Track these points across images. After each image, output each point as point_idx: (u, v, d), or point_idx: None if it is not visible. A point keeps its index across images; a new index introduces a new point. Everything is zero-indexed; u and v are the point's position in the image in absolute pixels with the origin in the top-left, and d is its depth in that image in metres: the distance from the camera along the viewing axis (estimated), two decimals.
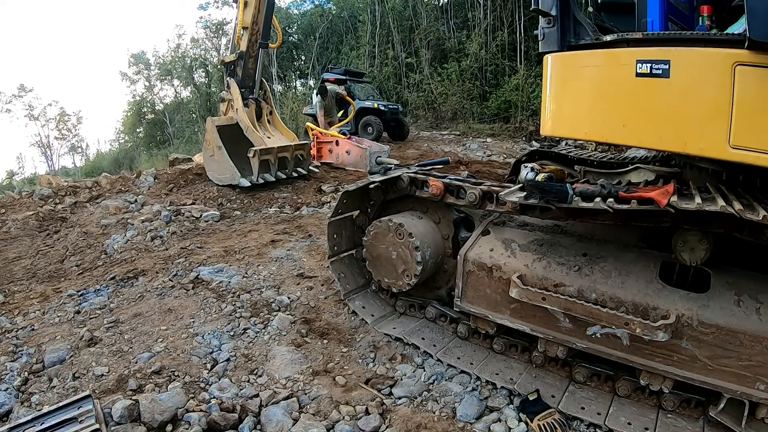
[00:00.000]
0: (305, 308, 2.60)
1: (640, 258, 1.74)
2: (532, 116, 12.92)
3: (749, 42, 1.30)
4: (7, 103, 27.58)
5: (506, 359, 2.02)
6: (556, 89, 1.97)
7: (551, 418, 1.67)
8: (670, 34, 1.66)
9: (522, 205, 1.76)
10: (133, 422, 1.66)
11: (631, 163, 2.40)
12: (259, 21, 5.71)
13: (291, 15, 22.52)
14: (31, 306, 2.85)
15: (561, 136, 2.56)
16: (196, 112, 24.05)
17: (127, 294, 2.92)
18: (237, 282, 2.97)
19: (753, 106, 1.37)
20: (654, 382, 1.65)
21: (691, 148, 1.52)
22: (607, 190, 1.59)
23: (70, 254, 3.85)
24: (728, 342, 1.50)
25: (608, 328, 1.64)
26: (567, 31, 1.85)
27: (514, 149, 10.06)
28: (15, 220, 4.47)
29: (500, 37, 15.15)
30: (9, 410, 1.82)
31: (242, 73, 5.92)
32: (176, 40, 34.44)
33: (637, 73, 1.56)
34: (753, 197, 1.58)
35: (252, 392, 1.90)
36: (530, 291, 1.76)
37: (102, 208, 4.95)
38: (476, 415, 1.74)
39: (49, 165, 28.31)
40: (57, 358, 2.15)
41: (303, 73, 21.86)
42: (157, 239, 4.04)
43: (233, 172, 5.44)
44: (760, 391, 1.47)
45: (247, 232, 4.19)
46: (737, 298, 1.54)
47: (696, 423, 1.63)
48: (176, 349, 2.19)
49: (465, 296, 1.99)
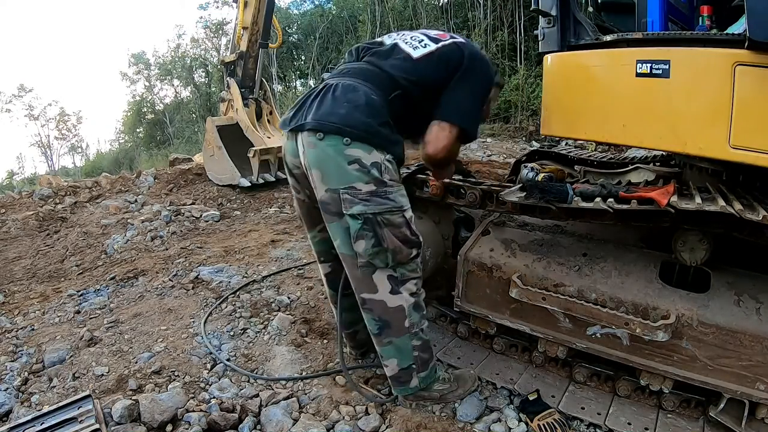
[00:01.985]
0: (305, 308, 2.60)
1: (640, 258, 1.74)
2: (532, 116, 12.91)
3: (749, 42, 1.30)
4: (7, 103, 27.60)
5: (506, 359, 2.02)
6: (556, 89, 1.97)
7: (551, 418, 1.67)
8: (670, 34, 1.66)
9: (522, 205, 1.76)
10: (133, 422, 1.66)
11: (631, 163, 2.40)
12: (259, 21, 5.71)
13: (291, 15, 22.51)
14: (31, 306, 2.85)
15: (561, 136, 2.56)
16: (196, 112, 24.05)
17: (127, 294, 2.92)
18: (237, 282, 2.97)
19: (753, 106, 1.37)
20: (654, 382, 1.65)
21: (691, 148, 1.52)
22: (607, 190, 1.59)
23: (70, 254, 3.85)
24: (728, 342, 1.50)
25: (608, 328, 1.65)
26: (567, 31, 1.85)
27: (514, 149, 10.06)
28: (15, 220, 4.47)
29: (500, 37, 15.14)
30: (9, 410, 1.82)
31: (242, 73, 5.92)
32: (176, 40, 34.42)
33: (637, 73, 1.57)
34: (753, 197, 1.58)
35: (252, 392, 1.90)
36: (530, 291, 1.76)
37: (102, 208, 4.95)
38: (476, 415, 1.74)
39: (49, 165, 28.33)
40: (57, 358, 2.15)
41: (303, 73, 21.86)
42: (157, 239, 4.04)
43: (233, 172, 5.44)
44: (760, 391, 1.47)
45: (247, 232, 4.19)
46: (737, 298, 1.54)
47: (696, 423, 1.63)
48: (176, 349, 2.19)
49: (465, 296, 2.00)
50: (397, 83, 1.62)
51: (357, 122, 1.49)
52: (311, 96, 1.61)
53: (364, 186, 1.50)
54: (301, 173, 1.65)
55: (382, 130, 1.54)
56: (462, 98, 1.62)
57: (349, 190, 1.49)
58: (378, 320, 1.62)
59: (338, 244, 1.59)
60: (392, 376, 1.70)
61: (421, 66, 1.64)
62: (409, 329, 1.62)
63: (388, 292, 1.58)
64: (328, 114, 1.51)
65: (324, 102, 1.55)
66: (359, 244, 1.52)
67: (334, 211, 1.53)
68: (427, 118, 1.64)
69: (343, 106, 1.52)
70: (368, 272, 1.57)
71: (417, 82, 1.63)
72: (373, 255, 1.53)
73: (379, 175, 1.51)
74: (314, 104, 1.56)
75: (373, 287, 1.59)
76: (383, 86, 1.60)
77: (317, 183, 1.54)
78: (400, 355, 1.66)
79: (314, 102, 1.57)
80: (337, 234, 1.57)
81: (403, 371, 1.67)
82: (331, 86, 1.59)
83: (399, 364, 1.66)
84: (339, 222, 1.54)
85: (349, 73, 1.67)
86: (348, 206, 1.50)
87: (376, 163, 1.51)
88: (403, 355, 1.66)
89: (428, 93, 1.64)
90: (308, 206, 1.77)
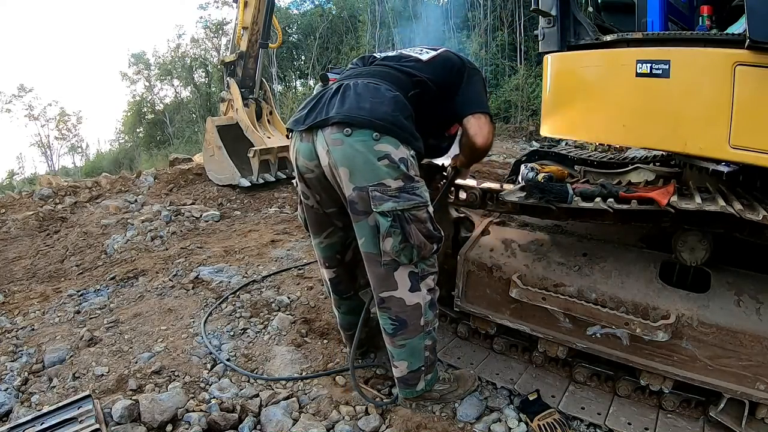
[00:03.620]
0: (305, 308, 2.60)
1: (640, 258, 1.74)
2: (532, 116, 12.93)
3: (749, 42, 1.30)
4: (7, 103, 27.59)
5: (506, 359, 2.02)
6: (556, 89, 1.97)
7: (551, 418, 1.67)
8: (670, 34, 1.66)
9: (522, 205, 1.76)
10: (133, 422, 1.66)
11: (631, 163, 2.41)
12: (259, 21, 5.71)
13: (291, 15, 22.52)
14: (31, 306, 2.86)
15: (561, 137, 2.56)
16: (196, 112, 24.06)
17: (127, 294, 2.92)
18: (237, 282, 2.97)
19: (753, 106, 1.37)
20: (654, 382, 1.64)
21: (691, 148, 1.52)
22: (607, 190, 1.59)
23: (70, 254, 3.85)
24: (728, 342, 1.50)
25: (608, 328, 1.65)
26: (567, 31, 1.85)
27: (514, 149, 10.07)
28: (15, 220, 4.47)
29: (500, 37, 15.15)
30: (9, 410, 1.82)
31: (242, 73, 5.92)
32: (176, 40, 34.42)
33: (637, 73, 1.56)
34: (753, 197, 1.58)
35: (252, 392, 1.90)
36: (530, 291, 1.76)
37: (102, 208, 4.95)
38: (476, 415, 1.74)
39: (49, 165, 28.31)
40: (57, 358, 2.15)
41: (303, 73, 21.87)
42: (157, 239, 4.04)
43: (233, 172, 5.44)
44: (760, 391, 1.47)
45: (247, 232, 4.19)
46: (737, 298, 1.54)
47: (696, 423, 1.63)
48: (176, 349, 2.19)
49: (465, 296, 2.00)
50: (415, 82, 1.65)
51: (385, 115, 1.48)
52: (325, 95, 1.59)
53: (393, 182, 1.48)
54: (315, 176, 1.62)
55: (408, 124, 1.54)
56: (478, 92, 1.77)
57: (379, 186, 1.47)
58: (395, 319, 1.60)
59: (363, 242, 1.57)
60: (401, 377, 1.69)
61: (431, 67, 1.72)
62: (423, 328, 1.62)
63: (407, 290, 1.57)
64: (355, 108, 1.48)
65: (346, 98, 1.52)
66: (387, 241, 1.49)
67: (361, 210, 1.51)
68: (433, 121, 1.69)
69: (368, 100, 1.50)
70: (391, 269, 1.55)
71: (432, 80, 1.68)
72: (399, 252, 1.50)
73: (407, 170, 1.50)
74: (334, 101, 1.53)
75: (394, 284, 1.56)
76: (402, 85, 1.62)
77: (344, 182, 1.51)
78: (411, 357, 1.65)
79: (333, 100, 1.55)
80: (363, 232, 1.55)
81: (412, 374, 1.67)
82: (349, 85, 1.57)
83: (409, 367, 1.65)
84: (366, 220, 1.52)
85: (364, 74, 1.67)
86: (377, 203, 1.47)
87: (403, 158, 1.50)
88: (415, 358, 1.65)
89: (441, 92, 1.70)
90: (316, 212, 1.75)
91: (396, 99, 1.54)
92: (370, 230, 1.53)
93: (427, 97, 1.67)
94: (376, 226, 1.51)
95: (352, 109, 1.49)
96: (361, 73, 1.69)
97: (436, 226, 1.59)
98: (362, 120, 1.47)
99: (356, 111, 1.48)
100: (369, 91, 1.54)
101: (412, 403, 1.78)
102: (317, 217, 1.77)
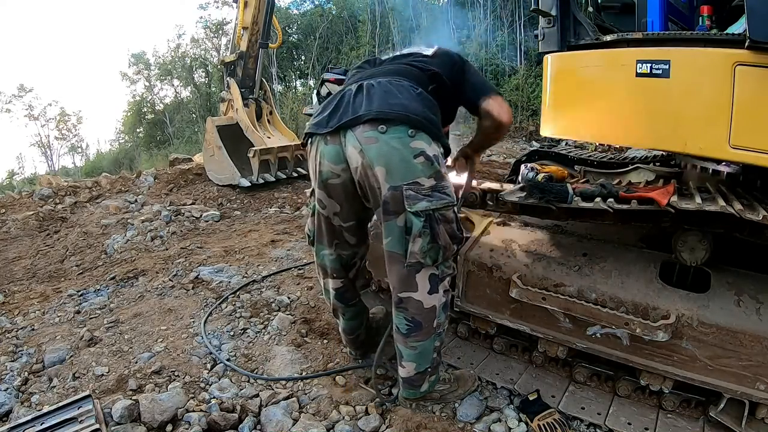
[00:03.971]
0: (305, 308, 2.60)
1: (640, 258, 1.74)
2: (532, 116, 12.93)
3: (749, 42, 1.30)
4: (7, 103, 27.56)
5: (506, 359, 2.02)
6: (555, 89, 1.97)
7: (551, 418, 1.67)
8: (670, 34, 1.66)
9: (522, 205, 1.76)
10: (133, 422, 1.66)
11: (631, 163, 2.41)
12: (259, 21, 5.72)
13: (291, 15, 22.52)
14: (31, 306, 2.85)
15: (561, 137, 2.56)
16: (196, 112, 24.04)
17: (127, 294, 2.92)
18: (237, 282, 2.97)
19: (753, 106, 1.37)
20: (654, 382, 1.64)
21: (691, 148, 1.52)
22: (607, 190, 1.59)
23: (70, 254, 3.85)
24: (728, 342, 1.50)
25: (608, 328, 1.65)
26: (567, 31, 1.85)
27: (514, 149, 10.07)
28: (15, 220, 4.47)
29: (500, 37, 15.15)
30: (9, 410, 1.82)
31: (242, 73, 5.92)
32: (176, 40, 34.38)
33: (637, 73, 1.57)
34: (753, 197, 1.58)
35: (252, 392, 1.90)
36: (530, 291, 1.76)
37: (102, 208, 4.95)
38: (476, 415, 1.74)
39: (49, 165, 28.27)
40: (57, 358, 2.15)
41: (303, 73, 21.87)
42: (157, 239, 4.04)
43: (233, 172, 5.44)
44: (760, 391, 1.47)
45: (247, 232, 4.19)
46: (737, 298, 1.54)
47: (696, 423, 1.63)
48: (176, 349, 2.19)
49: (465, 296, 2.00)
50: (430, 76, 1.65)
51: (418, 111, 1.46)
52: (346, 95, 1.54)
53: (426, 181, 1.45)
54: (340, 182, 1.55)
55: (437, 119, 1.52)
56: (482, 79, 1.85)
57: (413, 185, 1.43)
58: (410, 321, 1.58)
59: (388, 241, 1.53)
60: (406, 378, 1.68)
61: (438, 61, 1.74)
62: (435, 329, 1.61)
63: (426, 292, 1.54)
64: (387, 104, 1.44)
65: (373, 95, 1.48)
66: (417, 242, 1.45)
67: (393, 210, 1.47)
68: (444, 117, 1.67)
69: (397, 97, 1.47)
70: (414, 271, 1.52)
71: (444, 74, 1.69)
72: (426, 252, 1.47)
73: (439, 167, 1.49)
74: (359, 100, 1.49)
75: (414, 286, 1.54)
76: (421, 81, 1.61)
77: (381, 181, 1.46)
78: (420, 359, 1.63)
79: (357, 99, 1.50)
80: (391, 232, 1.51)
81: (419, 375, 1.66)
82: (372, 84, 1.53)
83: (417, 369, 1.64)
84: (395, 220, 1.48)
85: (381, 73, 1.64)
86: (411, 203, 1.43)
87: (436, 155, 1.48)
88: (423, 360, 1.64)
89: (451, 85, 1.71)
90: (329, 223, 1.70)
91: (422, 95, 1.53)
92: (399, 230, 1.49)
93: (442, 91, 1.66)
94: (405, 226, 1.47)
95: (383, 105, 1.44)
96: (375, 73, 1.66)
97: (460, 227, 1.57)
98: (398, 115, 1.42)
99: (388, 107, 1.44)
100: (395, 88, 1.51)
101: (412, 403, 1.78)
102: (330, 227, 1.71)
